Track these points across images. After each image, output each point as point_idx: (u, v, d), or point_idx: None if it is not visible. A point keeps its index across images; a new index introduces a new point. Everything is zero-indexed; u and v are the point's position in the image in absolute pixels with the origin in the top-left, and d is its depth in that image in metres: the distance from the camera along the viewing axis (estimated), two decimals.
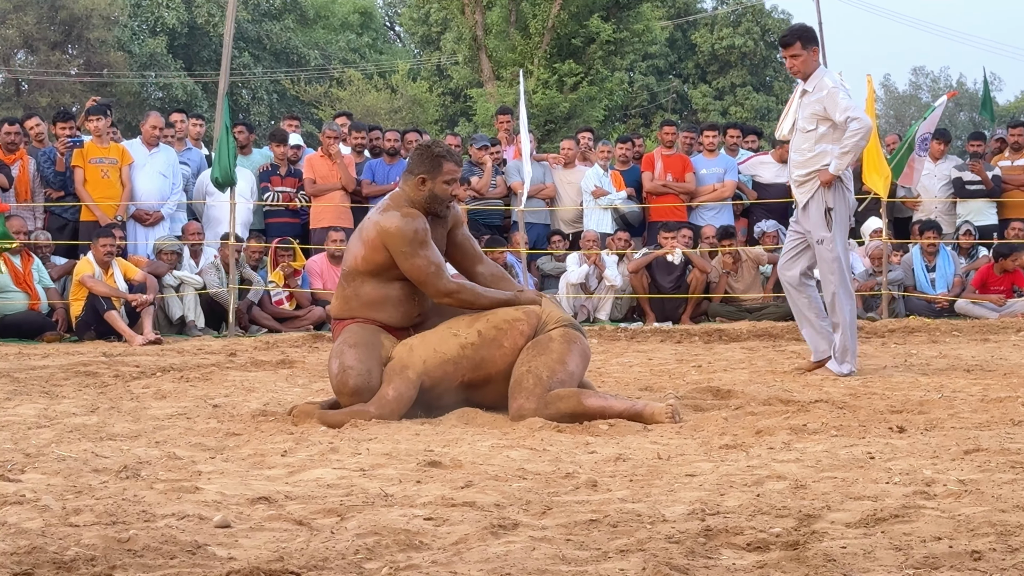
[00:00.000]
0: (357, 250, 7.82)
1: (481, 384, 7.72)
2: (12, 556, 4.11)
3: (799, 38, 10.29)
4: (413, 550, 4.30)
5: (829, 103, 10.16)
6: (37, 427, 7.37)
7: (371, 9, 63.56)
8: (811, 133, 10.22)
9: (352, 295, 7.87)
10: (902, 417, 7.34)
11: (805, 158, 10.25)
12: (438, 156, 7.82)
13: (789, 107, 10.64)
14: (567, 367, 7.61)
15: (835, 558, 4.03)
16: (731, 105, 56.84)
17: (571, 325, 7.85)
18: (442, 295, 7.76)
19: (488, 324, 7.72)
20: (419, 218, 7.71)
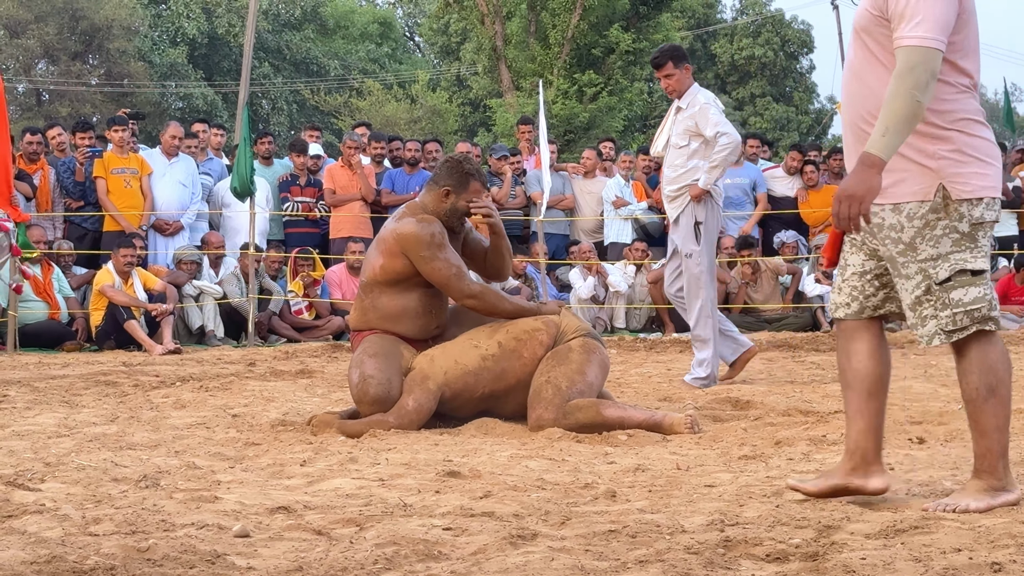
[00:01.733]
0: (375, 260, 7.83)
1: (501, 395, 7.73)
2: (32, 565, 4.12)
3: (670, 58, 10.50)
4: (432, 560, 4.30)
5: (700, 119, 10.35)
6: (57, 436, 7.39)
7: (391, 19, 63.66)
8: (684, 149, 10.37)
9: (370, 307, 7.88)
10: (922, 428, 7.32)
11: (677, 173, 10.41)
12: (467, 173, 7.87)
13: (664, 124, 10.80)
14: (586, 377, 7.61)
15: (854, 569, 4.02)
16: (751, 115, 56.79)
17: (590, 335, 7.86)
18: (465, 296, 7.78)
19: (508, 335, 7.72)
20: (435, 222, 7.73)
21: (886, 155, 4.77)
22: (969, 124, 4.92)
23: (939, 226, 4.91)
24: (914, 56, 4.76)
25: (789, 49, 59.29)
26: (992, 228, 4.98)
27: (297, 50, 55.81)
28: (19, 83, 50.11)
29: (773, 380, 10.50)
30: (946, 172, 4.89)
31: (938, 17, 4.78)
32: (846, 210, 4.78)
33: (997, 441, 4.99)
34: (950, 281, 4.91)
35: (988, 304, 4.91)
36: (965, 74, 4.94)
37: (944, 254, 4.91)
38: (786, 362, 12.42)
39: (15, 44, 49.53)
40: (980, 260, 4.92)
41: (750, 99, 58.31)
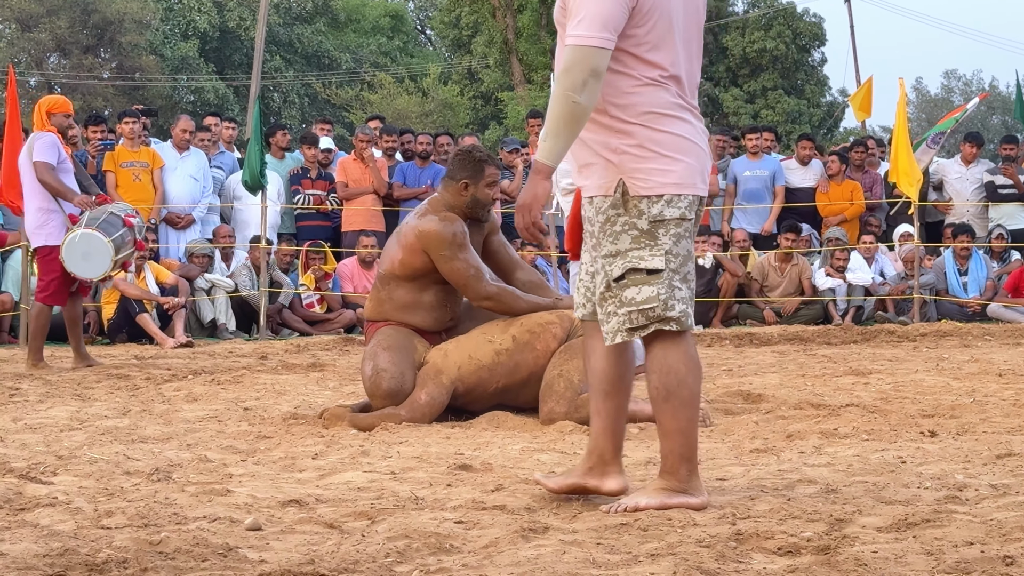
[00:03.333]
0: (395, 254, 7.82)
1: (515, 389, 7.74)
2: (44, 558, 4.13)
3: None
4: (444, 553, 4.31)
5: None
6: (69, 429, 7.40)
7: (402, 13, 63.65)
8: None
9: (386, 298, 7.88)
10: (934, 421, 7.32)
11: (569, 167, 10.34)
12: (480, 160, 7.84)
13: None
14: None
15: (866, 563, 4.02)
16: (762, 108, 56.65)
17: None
18: (482, 298, 7.78)
19: (522, 328, 7.73)
20: (457, 221, 7.72)
21: (551, 160, 4.72)
22: (655, 118, 4.82)
23: (619, 222, 4.83)
24: (570, 56, 4.70)
25: (801, 42, 59.09)
26: (682, 226, 4.86)
27: (308, 43, 55.82)
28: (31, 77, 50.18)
29: (785, 373, 10.49)
30: (626, 167, 4.81)
31: (600, 13, 4.69)
32: (519, 220, 4.75)
33: (679, 443, 4.91)
34: (624, 279, 4.83)
35: (663, 304, 4.81)
36: (654, 66, 4.84)
37: (622, 251, 4.82)
38: (798, 355, 12.41)
39: (27, 38, 49.62)
40: (657, 259, 4.81)
41: (762, 92, 58.15)
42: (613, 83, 4.79)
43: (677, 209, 4.84)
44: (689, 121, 4.92)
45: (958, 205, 18.53)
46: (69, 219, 11.28)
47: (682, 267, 4.90)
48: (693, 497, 4.87)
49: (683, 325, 4.88)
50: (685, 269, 4.92)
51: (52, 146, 11.38)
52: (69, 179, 11.50)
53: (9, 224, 15.32)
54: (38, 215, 11.49)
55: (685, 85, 4.96)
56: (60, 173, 11.40)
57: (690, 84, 5.01)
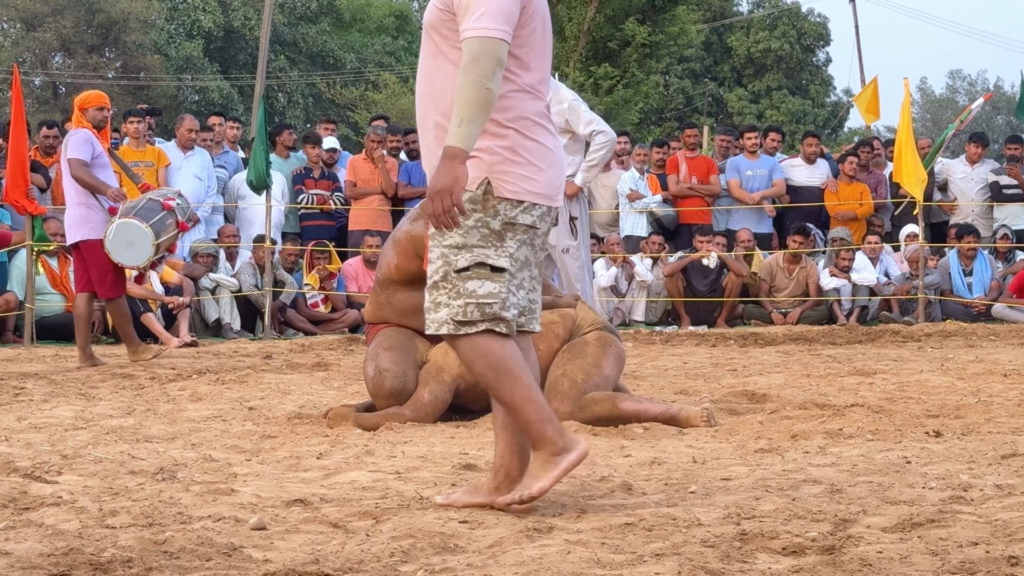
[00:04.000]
0: (390, 259, 7.81)
1: None
2: (49, 557, 4.13)
3: None
4: (448, 553, 4.31)
5: (572, 116, 10.46)
6: (74, 429, 7.40)
7: (407, 12, 63.64)
8: None
9: (385, 302, 7.88)
10: (938, 421, 7.31)
11: None
12: None
13: None
14: (602, 370, 7.62)
15: (871, 563, 4.02)
16: (767, 108, 56.71)
17: (606, 328, 7.87)
18: None
19: None
20: None
21: (466, 144, 4.68)
22: (528, 125, 4.85)
23: (473, 217, 4.82)
24: (477, 46, 4.70)
25: (805, 42, 59.20)
26: (528, 233, 4.86)
27: (313, 43, 55.83)
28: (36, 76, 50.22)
29: (789, 373, 10.49)
30: (495, 168, 4.81)
31: (500, 8, 4.72)
32: (439, 205, 4.69)
33: (531, 410, 4.87)
34: (468, 271, 4.82)
35: (502, 303, 4.81)
36: (529, 71, 4.88)
37: (470, 245, 4.81)
38: (802, 355, 12.41)
39: (32, 37, 49.66)
40: (503, 259, 4.81)
41: (766, 92, 58.24)
42: None
43: (530, 216, 4.86)
44: (552, 133, 4.97)
45: (963, 205, 18.52)
46: (109, 212, 11.38)
47: (519, 273, 4.90)
48: (573, 452, 4.88)
49: (511, 330, 4.88)
50: (522, 276, 4.92)
51: (86, 142, 11.49)
52: (105, 173, 11.61)
53: (14, 224, 15.32)
54: (78, 210, 11.60)
55: (545, 95, 5.00)
56: (96, 168, 11.52)
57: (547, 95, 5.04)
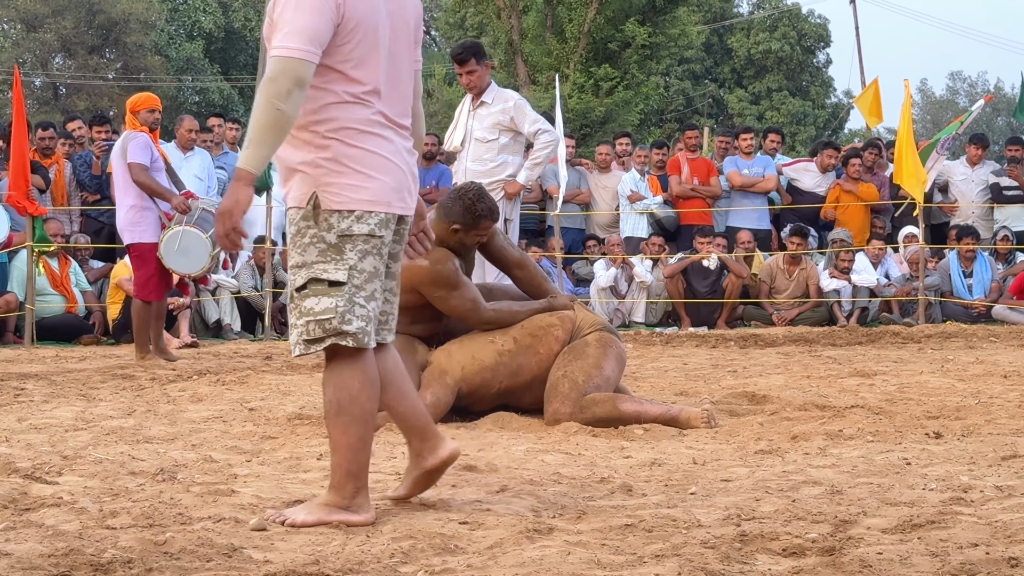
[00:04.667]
0: None
1: (518, 390, 7.76)
2: (50, 558, 4.13)
3: (473, 55, 10.67)
4: (448, 554, 4.31)
5: (517, 114, 10.55)
6: (74, 430, 7.40)
7: None
8: (492, 143, 10.46)
9: None
10: (939, 423, 7.32)
11: (487, 167, 10.54)
12: (479, 216, 7.68)
13: (457, 120, 10.85)
14: (603, 371, 7.63)
15: (871, 564, 4.02)
16: (767, 110, 56.70)
17: (606, 329, 7.88)
18: (484, 324, 7.79)
19: (523, 331, 7.75)
20: (449, 260, 7.63)
21: (252, 167, 4.67)
22: (352, 134, 4.81)
23: (308, 234, 4.81)
24: (276, 66, 4.69)
25: (806, 43, 59.20)
26: (370, 242, 4.84)
27: None
28: (36, 77, 50.22)
29: (790, 374, 10.49)
30: (321, 181, 4.80)
31: (304, 27, 4.70)
32: (220, 227, 4.70)
33: (347, 459, 4.86)
34: (305, 288, 4.82)
35: (340, 317, 4.78)
36: (355, 83, 4.83)
37: (308, 263, 4.81)
38: (802, 356, 12.41)
39: (32, 38, 49.64)
40: (341, 272, 4.80)
41: (767, 93, 58.24)
42: (314, 98, 4.79)
43: (366, 225, 4.83)
44: (389, 139, 4.92)
45: (963, 207, 18.52)
46: (164, 216, 11.43)
47: (367, 284, 4.88)
48: (356, 515, 4.83)
49: (360, 342, 4.85)
50: (371, 287, 4.89)
51: (146, 147, 11.65)
52: (163, 178, 11.79)
53: (15, 225, 15.32)
54: (132, 213, 11.71)
55: (388, 103, 4.94)
56: (153, 172, 11.67)
57: (396, 101, 5.00)
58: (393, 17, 4.99)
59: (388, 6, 4.97)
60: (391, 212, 4.90)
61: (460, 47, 10.81)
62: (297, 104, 4.69)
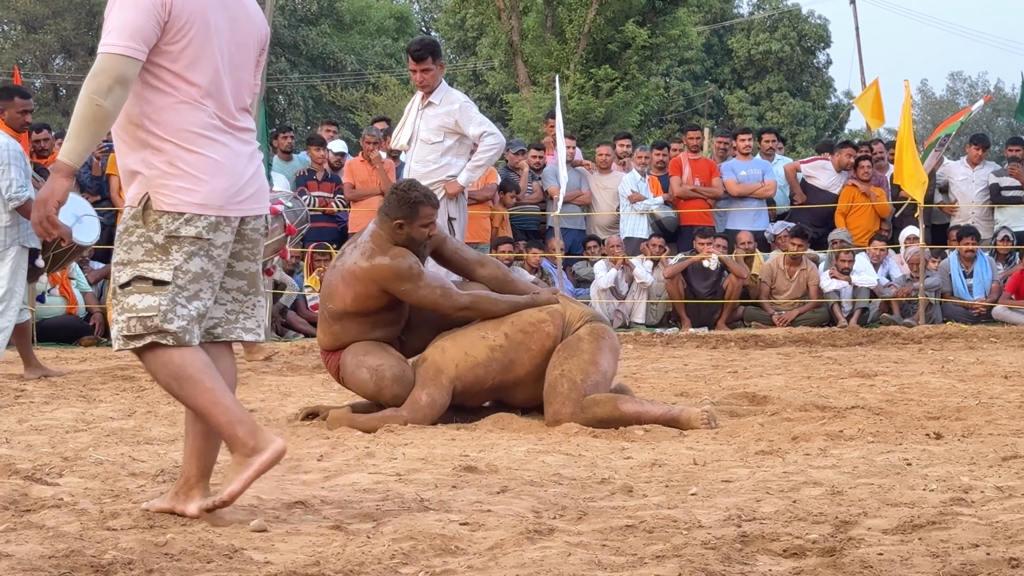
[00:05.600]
0: (344, 292, 7.74)
1: (510, 386, 7.77)
2: (50, 560, 4.13)
3: (431, 53, 10.65)
4: (449, 555, 4.31)
5: (462, 117, 10.53)
6: (75, 431, 7.41)
7: (407, 14, 63.64)
8: (437, 145, 10.46)
9: (341, 331, 7.87)
10: (939, 423, 7.32)
11: (429, 169, 10.51)
12: (415, 202, 7.70)
13: (406, 119, 10.81)
14: (600, 367, 7.64)
15: (872, 565, 4.02)
16: (767, 110, 56.69)
17: (595, 318, 7.89)
18: (458, 310, 7.77)
19: (514, 327, 7.75)
20: (408, 255, 7.66)
21: (71, 159, 4.72)
22: (188, 137, 4.83)
23: (136, 233, 4.85)
24: (99, 63, 4.71)
25: (806, 44, 59.16)
26: (197, 244, 4.85)
27: (313, 45, 55.81)
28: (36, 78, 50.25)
29: (790, 375, 10.49)
30: (154, 183, 4.82)
31: (127, 24, 4.72)
32: (35, 215, 4.74)
33: (218, 414, 4.87)
34: (129, 285, 4.84)
35: (162, 315, 4.81)
36: (191, 85, 4.85)
37: (134, 261, 4.84)
38: (803, 357, 12.41)
39: (32, 39, 49.70)
40: (166, 272, 4.82)
41: (767, 94, 58.21)
42: (151, 99, 4.82)
43: (194, 228, 4.84)
44: (225, 143, 4.93)
45: (963, 207, 18.51)
46: None
47: (191, 284, 4.89)
48: (266, 451, 4.86)
49: (180, 340, 4.86)
50: (195, 287, 4.90)
51: None
52: None
53: None
54: None
55: (227, 106, 4.95)
56: None
57: (235, 104, 5.01)
58: (236, 24, 5.02)
59: (229, 12, 4.99)
60: (222, 215, 4.91)
61: (419, 44, 10.78)
62: (119, 100, 4.72)
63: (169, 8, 4.79)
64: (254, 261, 5.14)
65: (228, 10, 4.98)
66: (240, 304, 5.14)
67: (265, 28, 5.22)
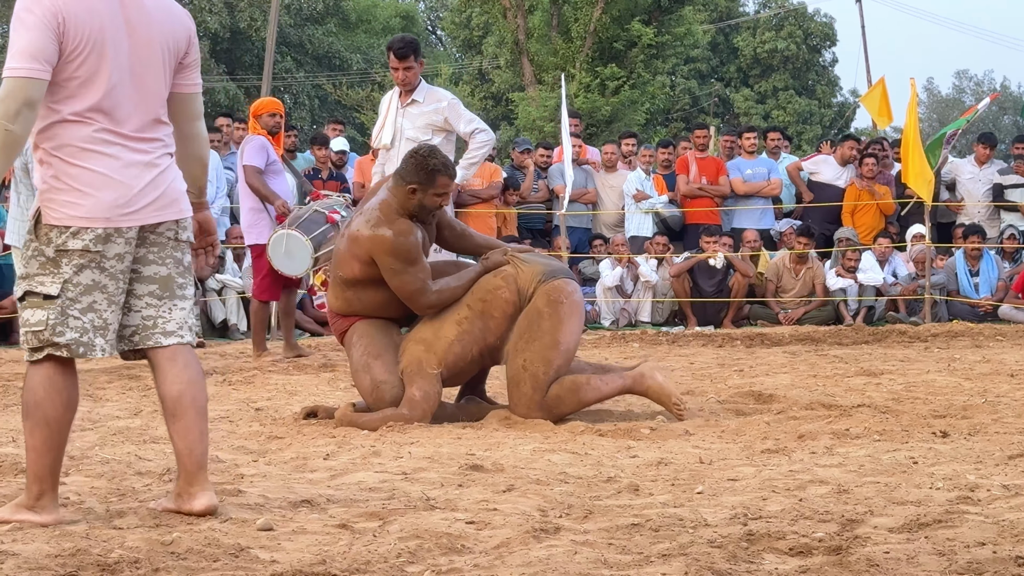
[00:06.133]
0: (351, 263, 7.76)
1: (494, 350, 7.79)
2: (57, 559, 4.14)
3: (413, 51, 10.59)
4: (455, 554, 4.31)
5: (452, 114, 10.50)
6: (81, 430, 7.41)
7: (413, 13, 63.62)
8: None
9: (354, 298, 7.87)
10: (945, 422, 7.31)
11: None
12: (433, 170, 7.67)
13: (385, 117, 10.69)
14: (561, 346, 7.65)
15: (878, 563, 4.02)
16: (773, 109, 56.64)
17: (548, 275, 7.81)
18: (426, 309, 7.78)
19: (473, 297, 7.78)
20: (412, 233, 7.64)
21: None
22: (75, 152, 4.86)
23: (31, 247, 4.92)
24: (5, 87, 4.76)
25: (812, 42, 59.09)
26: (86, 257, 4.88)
27: (319, 44, 55.79)
28: None
29: (796, 373, 10.49)
30: (44, 197, 4.90)
31: (27, 46, 4.76)
32: None
33: (32, 461, 4.93)
34: (24, 300, 4.93)
35: (51, 329, 4.87)
36: (79, 100, 4.87)
37: (29, 275, 4.91)
38: (809, 355, 12.40)
39: None
40: (54, 286, 4.87)
41: (773, 92, 58.16)
42: (44, 116, 4.86)
43: (81, 241, 4.89)
44: (115, 156, 4.95)
45: (970, 206, 18.48)
46: (277, 220, 11.71)
47: (83, 296, 4.93)
48: (38, 515, 4.86)
49: (74, 352, 4.95)
50: (88, 299, 4.94)
51: (260, 149, 11.95)
52: (278, 180, 12.06)
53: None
54: (249, 215, 12.17)
55: (123, 118, 4.96)
56: (269, 175, 11.97)
57: (140, 116, 5.02)
58: (138, 35, 5.02)
59: (131, 24, 5.00)
60: (112, 227, 4.93)
61: (402, 42, 10.71)
62: (27, 123, 4.78)
63: (64, 28, 4.82)
64: (164, 265, 5.14)
65: (130, 22, 4.99)
66: (156, 309, 5.14)
67: (184, 28, 5.22)
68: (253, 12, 53.63)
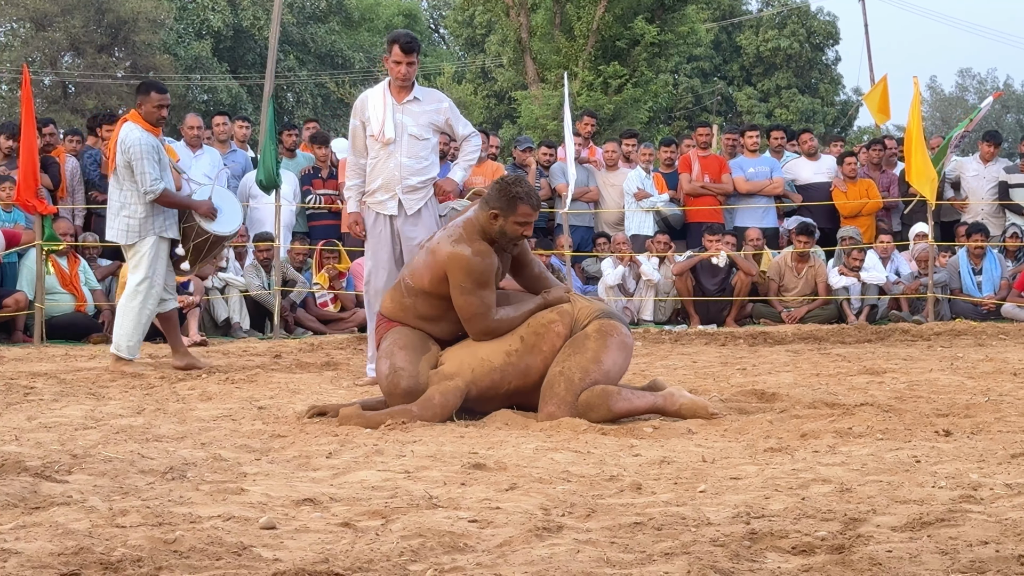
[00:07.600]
0: (424, 272, 7.82)
1: (525, 392, 7.78)
2: (59, 556, 4.14)
3: (417, 48, 10.44)
4: (458, 552, 4.31)
5: (453, 117, 10.46)
6: (84, 428, 7.41)
7: (416, 12, 63.63)
8: (426, 142, 10.36)
9: (410, 306, 7.91)
10: (948, 421, 7.31)
11: (423, 165, 10.32)
12: (515, 197, 7.74)
13: (384, 111, 10.52)
14: (602, 365, 7.64)
15: (881, 562, 4.02)
16: (776, 107, 56.64)
17: (605, 315, 7.88)
18: (481, 335, 7.80)
19: (528, 330, 7.77)
20: (489, 256, 7.71)
21: None
22: None
23: None
24: None
25: (815, 41, 59.08)
26: None
27: (322, 43, 55.82)
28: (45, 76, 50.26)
29: (799, 372, 10.48)
30: None
31: None
32: None
33: None
34: None
35: None
36: None
37: None
38: (812, 354, 12.40)
39: (41, 37, 49.69)
40: None
41: (775, 91, 58.16)
42: None
43: None
44: None
45: (974, 204, 18.48)
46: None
47: None
48: None
49: None
50: None
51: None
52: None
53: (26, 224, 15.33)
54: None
55: None
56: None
57: None
58: None
59: None
60: None
61: (409, 36, 10.50)
62: None
63: None
64: None
65: None
66: None
67: None
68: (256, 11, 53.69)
